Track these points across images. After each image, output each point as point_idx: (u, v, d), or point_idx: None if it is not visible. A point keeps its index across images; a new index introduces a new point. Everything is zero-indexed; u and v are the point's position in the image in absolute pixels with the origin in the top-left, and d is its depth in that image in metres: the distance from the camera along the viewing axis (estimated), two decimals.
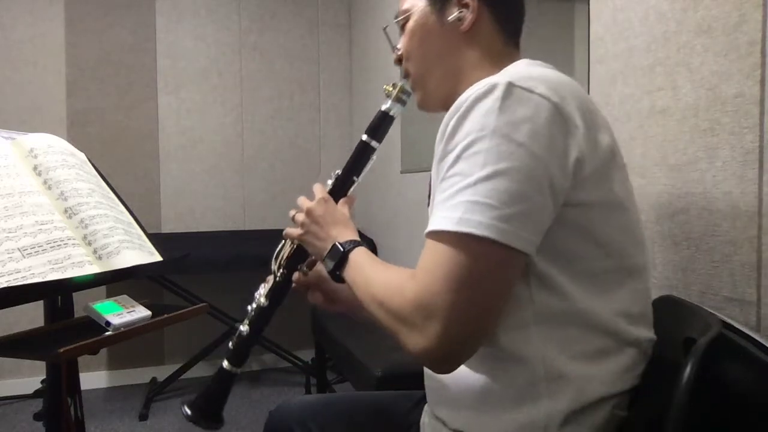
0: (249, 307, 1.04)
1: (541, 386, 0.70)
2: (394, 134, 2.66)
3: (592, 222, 0.70)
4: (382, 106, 0.97)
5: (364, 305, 0.76)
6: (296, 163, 3.29)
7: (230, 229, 3.16)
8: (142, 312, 1.10)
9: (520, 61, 0.82)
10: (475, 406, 0.75)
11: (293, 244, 1.01)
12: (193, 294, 2.74)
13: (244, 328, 1.03)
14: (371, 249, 3.06)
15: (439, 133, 0.71)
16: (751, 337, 0.70)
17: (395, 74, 1.36)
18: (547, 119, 0.65)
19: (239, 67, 3.17)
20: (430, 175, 0.77)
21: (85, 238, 1.06)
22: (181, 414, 1.04)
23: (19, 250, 0.94)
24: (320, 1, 3.31)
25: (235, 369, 1.04)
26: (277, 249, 1.04)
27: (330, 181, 0.99)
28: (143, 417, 2.54)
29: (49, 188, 1.08)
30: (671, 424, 0.57)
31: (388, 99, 0.97)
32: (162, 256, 1.22)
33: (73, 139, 1.36)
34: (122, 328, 1.03)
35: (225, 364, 1.04)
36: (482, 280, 0.65)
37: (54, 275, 0.95)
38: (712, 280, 0.98)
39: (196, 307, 1.24)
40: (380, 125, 0.98)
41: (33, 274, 0.92)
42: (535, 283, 0.70)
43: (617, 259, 0.73)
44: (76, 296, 1.16)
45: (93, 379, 2.89)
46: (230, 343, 1.04)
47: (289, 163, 3.28)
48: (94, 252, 1.06)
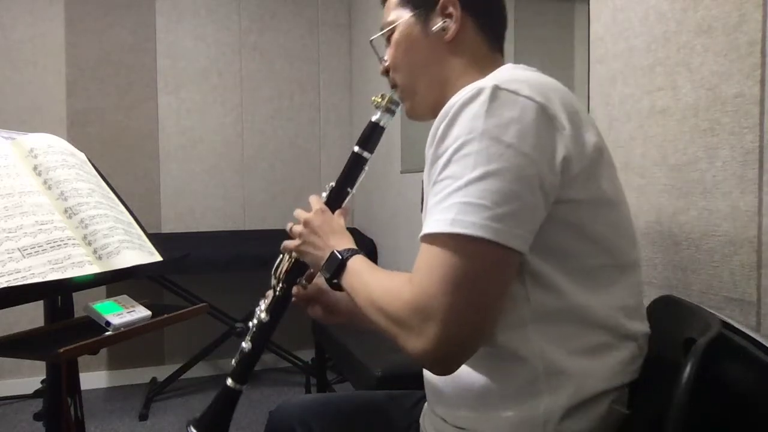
0: (250, 323, 1.05)
1: (541, 383, 0.70)
2: (394, 134, 2.66)
3: (583, 219, 0.71)
4: (372, 117, 0.99)
5: (363, 311, 0.77)
6: (296, 163, 3.29)
7: (230, 229, 3.16)
8: (142, 312, 1.10)
9: (505, 66, 0.84)
10: (476, 405, 0.76)
11: (291, 258, 1.01)
12: (193, 294, 2.74)
13: (247, 345, 1.04)
14: (371, 249, 3.07)
15: (429, 139, 0.72)
16: (751, 337, 0.70)
17: None
18: (534, 120, 0.66)
19: (239, 67, 3.17)
20: (422, 180, 0.78)
21: (85, 238, 1.06)
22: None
23: (19, 250, 0.94)
24: (320, 1, 3.31)
25: (239, 386, 1.04)
26: (276, 263, 1.04)
27: (325, 194, 1.01)
28: (143, 417, 2.53)
29: (49, 188, 1.09)
30: (671, 424, 0.57)
31: (378, 110, 0.99)
32: (162, 256, 1.22)
33: (73, 139, 1.36)
34: (122, 328, 1.03)
35: (229, 381, 1.04)
36: (478, 280, 0.65)
37: (54, 275, 0.95)
38: (712, 280, 0.98)
39: (196, 307, 1.24)
40: (371, 136, 1.00)
41: (33, 274, 0.92)
42: (531, 281, 0.70)
43: (610, 255, 0.74)
44: (76, 296, 1.16)
45: (93, 379, 2.88)
46: (233, 361, 1.05)
47: (289, 163, 3.27)
48: (94, 252, 1.06)
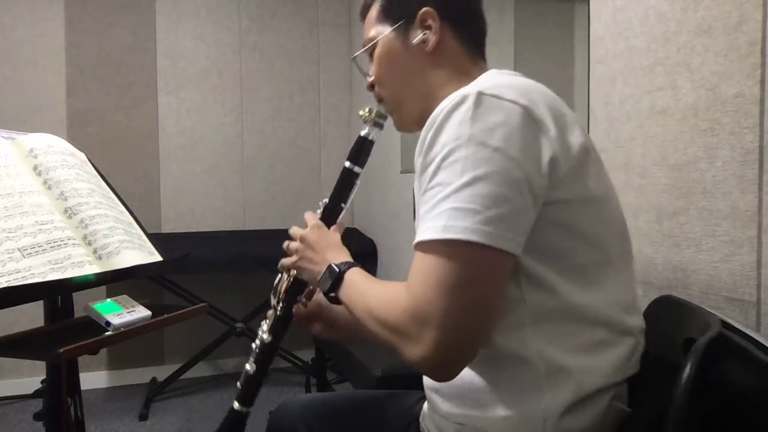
0: (253, 345, 1.05)
1: (542, 382, 0.71)
2: (394, 135, 2.66)
3: (573, 218, 0.72)
4: (361, 132, 1.00)
5: (362, 322, 0.77)
6: (296, 163, 3.29)
7: (230, 229, 3.16)
8: (142, 312, 1.10)
9: (488, 72, 0.84)
10: (476, 404, 0.76)
11: (290, 276, 1.02)
12: (193, 294, 2.73)
13: (251, 367, 1.04)
14: (371, 249, 3.07)
15: (417, 148, 0.73)
16: (751, 337, 0.70)
17: None
18: (519, 123, 0.67)
19: (239, 67, 3.17)
20: (413, 189, 0.78)
21: (85, 238, 1.06)
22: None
23: (19, 250, 0.94)
24: (320, 1, 3.31)
25: (246, 409, 1.04)
26: (275, 283, 1.05)
27: (319, 211, 1.02)
28: (143, 417, 2.53)
29: (49, 188, 1.08)
30: (671, 424, 0.58)
31: (366, 124, 0.99)
32: (162, 256, 1.22)
33: (73, 139, 1.36)
34: (122, 328, 1.03)
35: (236, 405, 1.04)
36: (473, 285, 0.66)
37: (54, 275, 0.95)
38: (712, 280, 0.98)
39: (196, 307, 1.24)
40: (361, 151, 1.01)
41: (33, 274, 0.92)
42: (526, 283, 0.71)
43: (601, 251, 0.74)
44: (76, 296, 1.16)
45: (93, 379, 2.88)
46: (238, 383, 1.05)
47: (289, 163, 3.27)
48: (94, 252, 1.06)
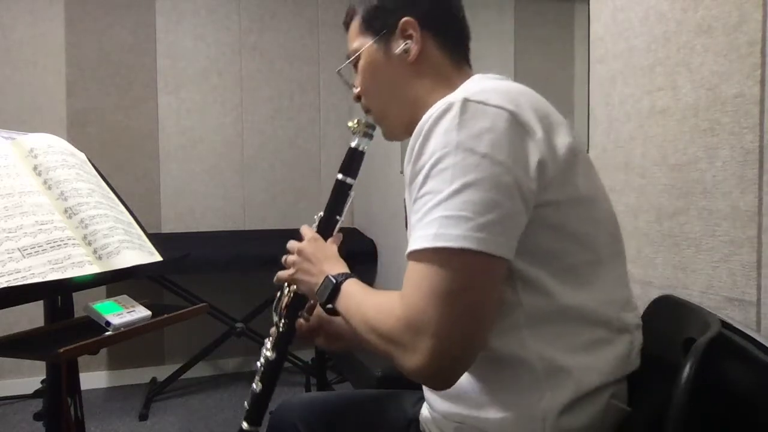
0: (258, 363, 1.06)
1: (542, 382, 0.71)
2: None
3: (563, 219, 0.72)
4: (351, 143, 1.01)
5: (358, 333, 0.77)
6: (296, 163, 3.29)
7: (230, 229, 3.16)
8: (142, 312, 1.10)
9: (474, 77, 0.84)
10: (476, 404, 0.76)
11: (290, 292, 1.02)
12: (193, 294, 2.73)
13: (257, 386, 1.04)
14: (371, 249, 3.07)
15: (406, 157, 0.73)
16: (751, 337, 0.70)
17: None
18: (506, 128, 0.67)
19: (239, 67, 3.17)
20: (404, 198, 0.78)
21: (85, 238, 1.06)
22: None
23: (19, 250, 0.94)
24: (320, 1, 3.30)
25: (254, 428, 1.05)
26: (276, 300, 1.05)
27: (314, 225, 1.02)
28: (143, 417, 2.52)
29: (49, 188, 1.08)
30: (671, 424, 0.58)
31: (355, 135, 1.00)
32: (162, 256, 1.22)
33: (73, 139, 1.35)
34: (122, 328, 1.03)
35: (244, 425, 1.05)
36: (466, 291, 0.65)
37: (54, 275, 0.95)
38: (712, 280, 0.98)
39: (196, 307, 1.24)
40: (352, 162, 1.02)
41: (33, 274, 0.92)
42: (521, 286, 0.71)
43: (593, 251, 0.74)
44: (76, 296, 1.16)
45: (93, 379, 2.88)
46: (245, 403, 1.05)
47: (289, 163, 3.27)
48: (94, 252, 1.06)
